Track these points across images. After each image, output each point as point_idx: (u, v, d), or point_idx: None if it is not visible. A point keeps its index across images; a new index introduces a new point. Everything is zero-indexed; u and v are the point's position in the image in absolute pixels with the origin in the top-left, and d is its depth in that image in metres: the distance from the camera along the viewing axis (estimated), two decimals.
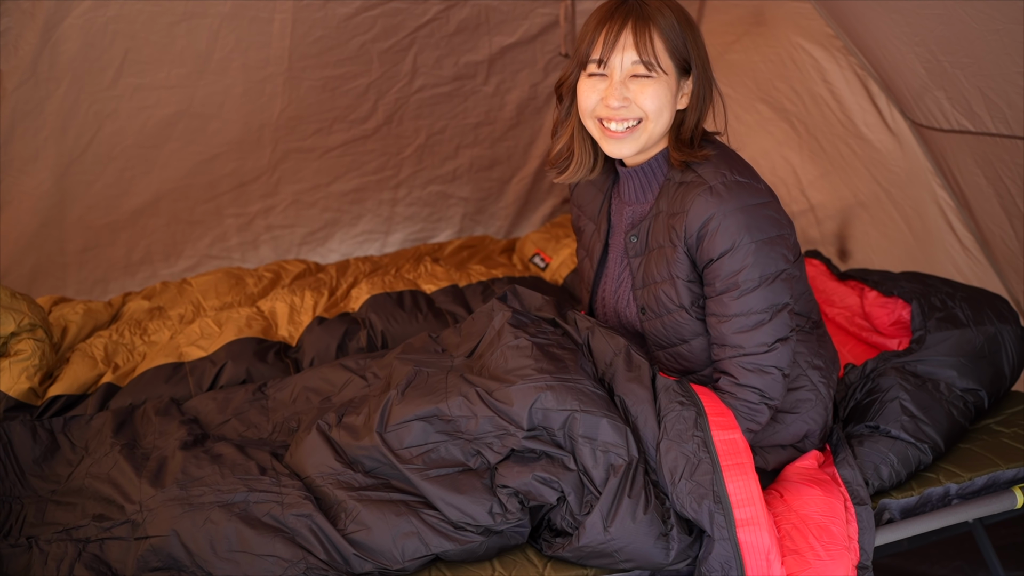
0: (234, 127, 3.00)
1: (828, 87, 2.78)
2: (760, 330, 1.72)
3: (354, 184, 3.34)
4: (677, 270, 1.78)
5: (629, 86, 1.74)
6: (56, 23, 2.55)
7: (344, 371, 2.17)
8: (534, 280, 2.88)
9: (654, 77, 1.73)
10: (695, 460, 1.65)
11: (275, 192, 3.24)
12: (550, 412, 1.70)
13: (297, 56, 2.91)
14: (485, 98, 3.31)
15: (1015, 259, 2.43)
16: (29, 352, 2.29)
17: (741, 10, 2.95)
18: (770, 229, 1.72)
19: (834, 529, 1.69)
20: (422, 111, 3.26)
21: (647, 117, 1.75)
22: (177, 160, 2.99)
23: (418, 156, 3.38)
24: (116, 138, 2.85)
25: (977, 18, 2.02)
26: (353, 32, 2.94)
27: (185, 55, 2.77)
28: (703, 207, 1.72)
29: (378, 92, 3.14)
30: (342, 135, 3.20)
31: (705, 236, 1.72)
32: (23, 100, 2.65)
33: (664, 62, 1.73)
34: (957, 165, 2.45)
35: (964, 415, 2.02)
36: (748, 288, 1.71)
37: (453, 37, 3.10)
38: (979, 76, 2.16)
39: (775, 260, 1.72)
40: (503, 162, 3.52)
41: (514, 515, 1.68)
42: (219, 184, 3.12)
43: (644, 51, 1.72)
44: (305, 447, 1.84)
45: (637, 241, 1.86)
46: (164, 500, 1.75)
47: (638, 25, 1.72)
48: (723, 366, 1.77)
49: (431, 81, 3.19)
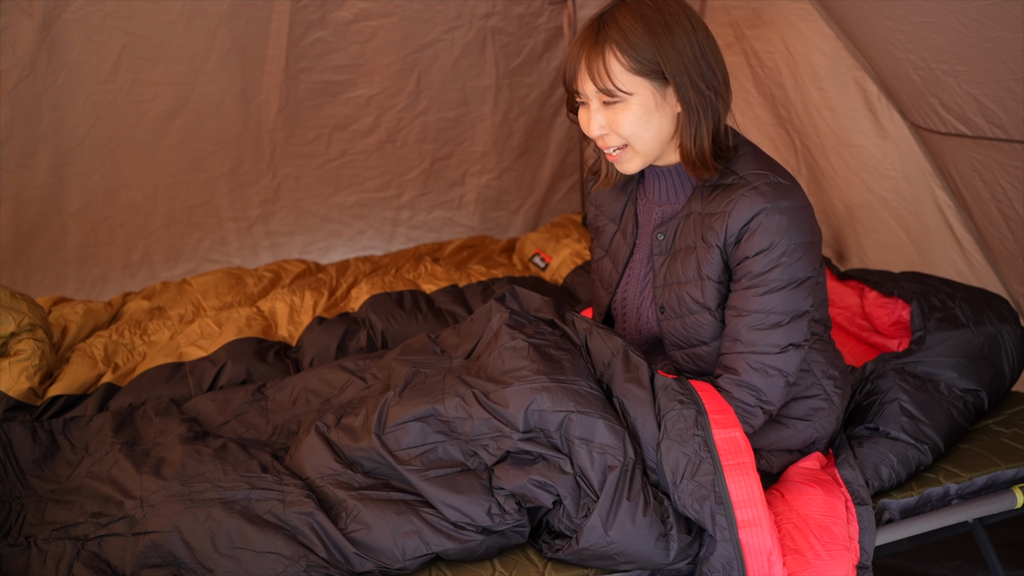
0: (232, 125, 3.00)
1: (828, 88, 2.78)
2: (775, 331, 1.71)
3: (355, 198, 3.32)
4: (709, 270, 1.76)
5: (605, 112, 1.71)
6: (54, 18, 2.56)
7: (343, 372, 2.17)
8: (534, 280, 2.88)
9: (621, 101, 1.69)
10: (696, 460, 1.64)
11: (275, 198, 3.23)
12: (546, 414, 1.70)
13: (295, 57, 2.91)
14: (493, 126, 3.29)
15: (1015, 260, 2.43)
16: (29, 352, 2.29)
17: (742, 11, 2.95)
18: (807, 234, 1.72)
19: (835, 529, 1.69)
20: (426, 135, 3.24)
21: (629, 142, 1.74)
22: (174, 155, 2.99)
23: (423, 180, 3.35)
24: (113, 130, 2.86)
25: (970, 26, 2.01)
26: (353, 39, 2.93)
27: (182, 53, 2.77)
28: (748, 207, 1.69)
29: (380, 107, 3.12)
30: (342, 145, 3.19)
31: (746, 234, 1.70)
32: (21, 96, 2.66)
33: (627, 84, 1.67)
34: (956, 167, 2.45)
35: (964, 415, 2.02)
36: (774, 288, 1.70)
37: (459, 60, 3.09)
38: (973, 83, 2.15)
39: (805, 266, 1.71)
40: (511, 191, 3.49)
41: (512, 516, 1.68)
42: (217, 183, 3.12)
43: (599, 79, 1.67)
44: (304, 448, 1.85)
45: (664, 239, 1.84)
46: (165, 496, 1.75)
47: (592, 53, 1.67)
48: (728, 361, 1.76)
49: (436, 105, 3.18)
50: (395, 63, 3.04)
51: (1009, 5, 1.90)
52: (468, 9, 2.99)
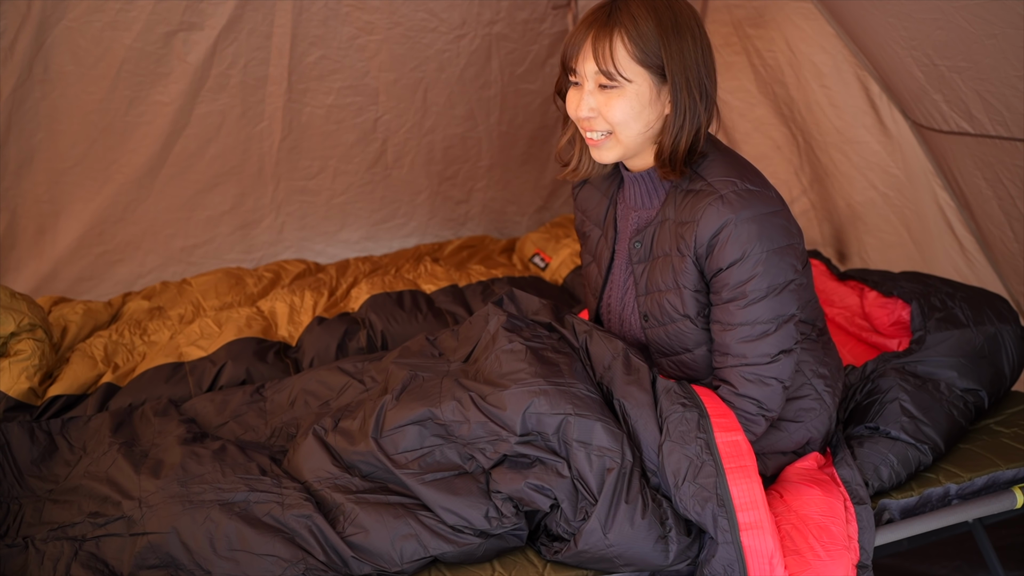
0: (233, 155, 2.93)
1: (828, 89, 2.78)
2: (764, 340, 1.70)
3: (362, 232, 3.27)
4: (684, 280, 1.75)
5: (598, 96, 1.71)
6: (51, 26, 2.52)
7: (342, 375, 2.17)
8: (534, 280, 2.88)
9: (618, 87, 1.69)
10: (698, 463, 1.64)
11: (279, 239, 3.15)
12: (544, 416, 1.69)
13: (297, 77, 2.86)
14: (499, 137, 3.26)
15: (1015, 259, 2.43)
16: (29, 352, 2.29)
17: (744, 11, 2.94)
18: (781, 239, 1.69)
19: (834, 529, 1.69)
20: (433, 155, 3.20)
21: (614, 130, 1.73)
22: (174, 187, 2.92)
23: (430, 204, 3.31)
24: (111, 154, 2.80)
25: (974, 23, 2.01)
26: (357, 56, 2.89)
27: (182, 68, 2.72)
28: (715, 217, 1.68)
29: (386, 129, 3.07)
30: (348, 179, 3.13)
31: (716, 246, 1.69)
32: (19, 101, 2.62)
33: (629, 70, 1.68)
34: (957, 166, 2.44)
35: (964, 415, 2.02)
36: (755, 298, 1.68)
37: (465, 71, 3.05)
38: (976, 80, 2.15)
39: (784, 270, 1.70)
40: (515, 200, 3.47)
41: (509, 520, 1.68)
42: (220, 222, 3.04)
43: (603, 60, 1.67)
44: (302, 452, 1.84)
45: (641, 247, 1.84)
46: (164, 497, 1.75)
47: (600, 33, 1.68)
48: (723, 375, 1.75)
49: (443, 122, 3.13)
50: (401, 79, 2.99)
51: (1012, 3, 1.90)
52: (473, 16, 2.95)
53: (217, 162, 2.94)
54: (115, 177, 2.85)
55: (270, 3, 2.72)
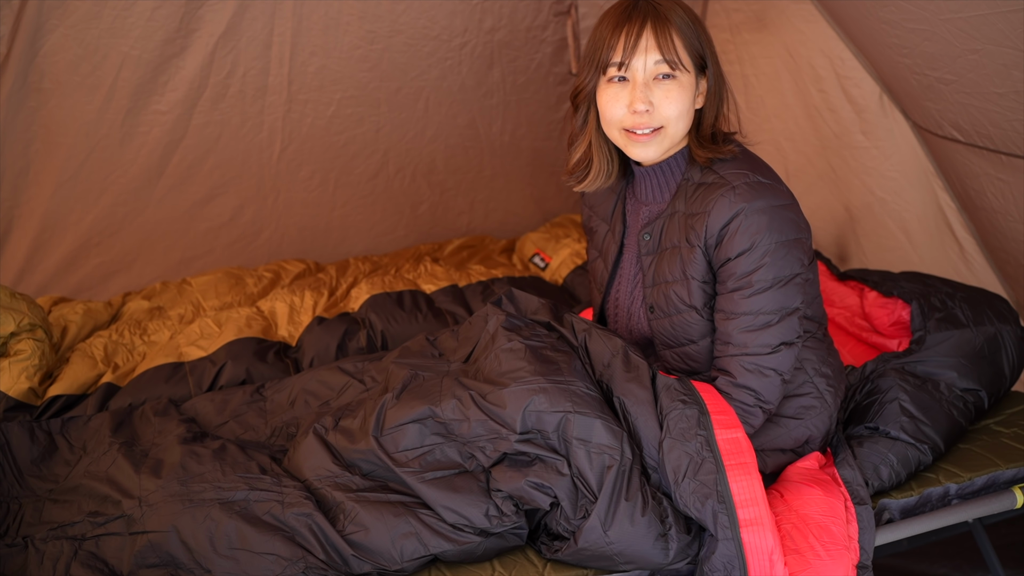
0: (232, 165, 2.91)
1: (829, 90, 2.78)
2: (766, 331, 1.71)
3: (364, 245, 3.26)
4: (692, 271, 1.77)
5: (653, 89, 1.73)
6: (48, 31, 2.50)
7: (342, 375, 2.17)
8: (534, 280, 2.88)
9: (677, 77, 1.72)
10: (698, 459, 1.64)
11: (278, 252, 3.14)
12: (543, 414, 1.70)
13: (297, 87, 2.84)
14: (502, 147, 3.25)
15: (1015, 259, 2.43)
16: (29, 352, 2.30)
17: (743, 14, 2.95)
18: (790, 231, 1.71)
19: (834, 529, 1.69)
20: (435, 165, 3.19)
21: (667, 124, 1.75)
22: (172, 198, 2.90)
23: (432, 214, 3.30)
24: (108, 166, 2.77)
25: (958, 36, 2.01)
26: (358, 66, 2.87)
27: (180, 77, 2.71)
28: (727, 207, 1.71)
29: (388, 140, 3.06)
30: (349, 191, 3.11)
31: (726, 235, 1.71)
32: (14, 108, 2.60)
33: (685, 60, 1.72)
34: (954, 168, 2.45)
35: (964, 415, 2.02)
36: (760, 288, 1.70)
37: (467, 80, 3.04)
38: (962, 93, 2.15)
39: (791, 263, 1.71)
40: (517, 212, 3.46)
41: (510, 518, 1.68)
42: (219, 234, 3.02)
43: (667, 50, 1.71)
44: (302, 450, 1.85)
45: (650, 239, 1.85)
46: (164, 496, 1.75)
47: (658, 24, 1.71)
48: (723, 364, 1.76)
49: (444, 132, 3.12)
50: (402, 88, 2.98)
51: (993, 18, 1.90)
52: (475, 23, 2.94)
53: (216, 173, 2.91)
54: (112, 188, 2.82)
55: (269, 12, 2.71)
